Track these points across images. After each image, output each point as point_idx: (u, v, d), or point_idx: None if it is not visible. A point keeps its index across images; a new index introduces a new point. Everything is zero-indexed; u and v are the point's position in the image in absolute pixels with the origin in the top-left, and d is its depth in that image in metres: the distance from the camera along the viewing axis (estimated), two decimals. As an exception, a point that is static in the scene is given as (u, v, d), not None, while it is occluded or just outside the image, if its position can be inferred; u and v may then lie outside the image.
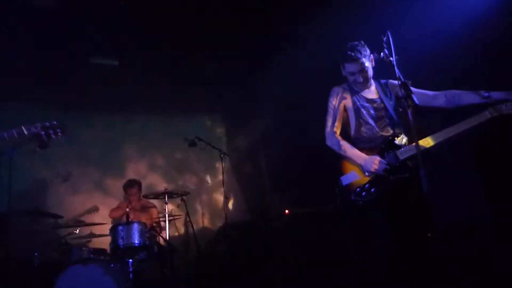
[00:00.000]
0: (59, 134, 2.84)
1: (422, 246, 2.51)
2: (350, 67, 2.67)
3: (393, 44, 2.35)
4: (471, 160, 3.46)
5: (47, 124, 2.84)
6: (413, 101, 2.21)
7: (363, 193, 2.55)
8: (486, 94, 2.46)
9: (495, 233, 3.29)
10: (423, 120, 2.48)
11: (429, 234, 2.57)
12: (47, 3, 4.15)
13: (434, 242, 2.47)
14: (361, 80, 2.68)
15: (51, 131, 2.82)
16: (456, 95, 2.59)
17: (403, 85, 2.28)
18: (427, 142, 2.50)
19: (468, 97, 2.53)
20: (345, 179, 2.62)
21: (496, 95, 2.44)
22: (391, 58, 2.36)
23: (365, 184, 2.56)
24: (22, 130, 2.77)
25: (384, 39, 2.38)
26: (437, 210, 2.14)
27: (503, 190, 3.17)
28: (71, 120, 5.58)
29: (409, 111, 2.21)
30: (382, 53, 2.40)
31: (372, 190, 2.54)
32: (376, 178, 2.54)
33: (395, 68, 2.33)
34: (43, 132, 2.80)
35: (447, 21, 3.41)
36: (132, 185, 4.82)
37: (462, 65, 3.48)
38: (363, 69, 2.65)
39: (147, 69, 5.36)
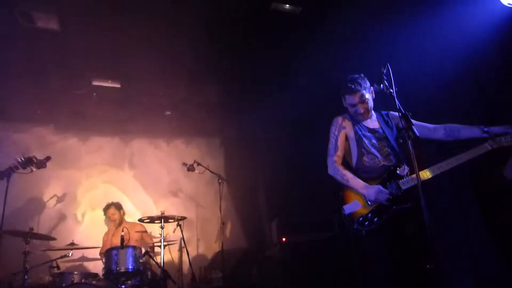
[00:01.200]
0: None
1: (422, 276, 2.49)
2: (350, 99, 2.75)
3: (393, 76, 2.43)
4: (470, 189, 3.49)
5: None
6: (414, 132, 2.26)
7: (366, 223, 2.56)
8: (486, 129, 2.53)
9: (496, 258, 3.27)
10: (423, 151, 2.52)
11: (428, 266, 2.55)
12: (51, 26, 4.21)
13: (434, 272, 2.45)
14: (362, 111, 2.75)
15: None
16: (455, 129, 2.65)
17: (404, 117, 2.33)
18: (427, 173, 2.52)
19: (467, 131, 2.60)
20: (348, 208, 2.63)
21: (495, 129, 2.51)
22: (391, 90, 2.42)
23: (368, 213, 2.57)
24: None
25: (384, 71, 2.46)
26: (438, 241, 2.14)
27: (503, 217, 3.18)
28: (67, 141, 5.61)
29: (409, 142, 2.25)
30: (382, 85, 2.47)
31: (375, 219, 2.55)
32: (379, 208, 2.55)
33: (396, 99, 2.40)
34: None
35: (445, 56, 3.52)
36: (108, 207, 4.90)
37: (458, 100, 3.57)
38: (363, 101, 2.72)
39: (147, 92, 5.40)
